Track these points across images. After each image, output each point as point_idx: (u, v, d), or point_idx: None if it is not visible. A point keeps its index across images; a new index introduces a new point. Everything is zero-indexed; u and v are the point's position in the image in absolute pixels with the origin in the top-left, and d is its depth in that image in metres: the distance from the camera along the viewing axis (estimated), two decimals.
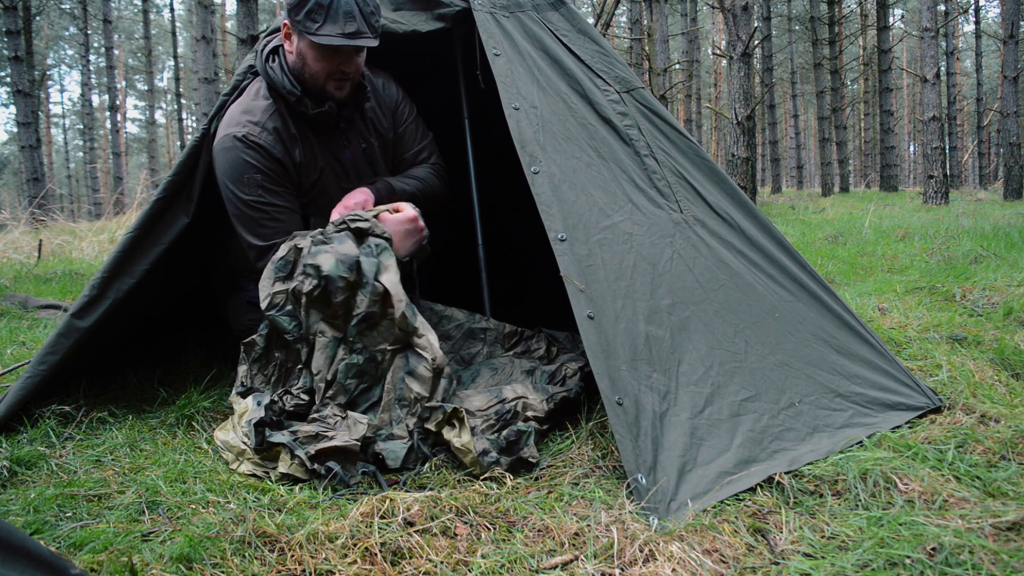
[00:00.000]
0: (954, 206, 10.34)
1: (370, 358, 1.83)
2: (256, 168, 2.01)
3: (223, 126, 2.05)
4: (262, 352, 1.93)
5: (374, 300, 1.81)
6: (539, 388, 1.95)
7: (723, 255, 1.92)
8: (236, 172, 2.01)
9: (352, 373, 1.82)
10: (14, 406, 1.88)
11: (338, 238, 1.85)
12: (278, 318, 1.86)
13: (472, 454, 1.66)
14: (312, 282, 1.80)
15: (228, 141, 2.01)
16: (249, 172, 2.00)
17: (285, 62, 2.06)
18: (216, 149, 2.03)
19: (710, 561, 1.23)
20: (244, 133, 2.01)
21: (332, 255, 1.80)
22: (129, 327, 2.30)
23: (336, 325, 1.84)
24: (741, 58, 7.81)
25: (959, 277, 3.67)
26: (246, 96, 2.10)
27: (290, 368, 1.91)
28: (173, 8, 23.77)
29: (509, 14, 2.17)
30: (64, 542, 1.32)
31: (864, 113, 32.93)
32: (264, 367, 1.94)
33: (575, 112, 2.04)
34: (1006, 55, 12.42)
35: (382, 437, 1.76)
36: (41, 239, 6.49)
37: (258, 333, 1.92)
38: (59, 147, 38.59)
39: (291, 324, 1.85)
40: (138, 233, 2.01)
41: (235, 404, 1.90)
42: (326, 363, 1.83)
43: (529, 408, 1.86)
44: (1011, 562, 1.17)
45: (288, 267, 1.88)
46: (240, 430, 1.74)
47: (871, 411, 1.78)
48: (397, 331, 1.83)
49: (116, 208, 15.12)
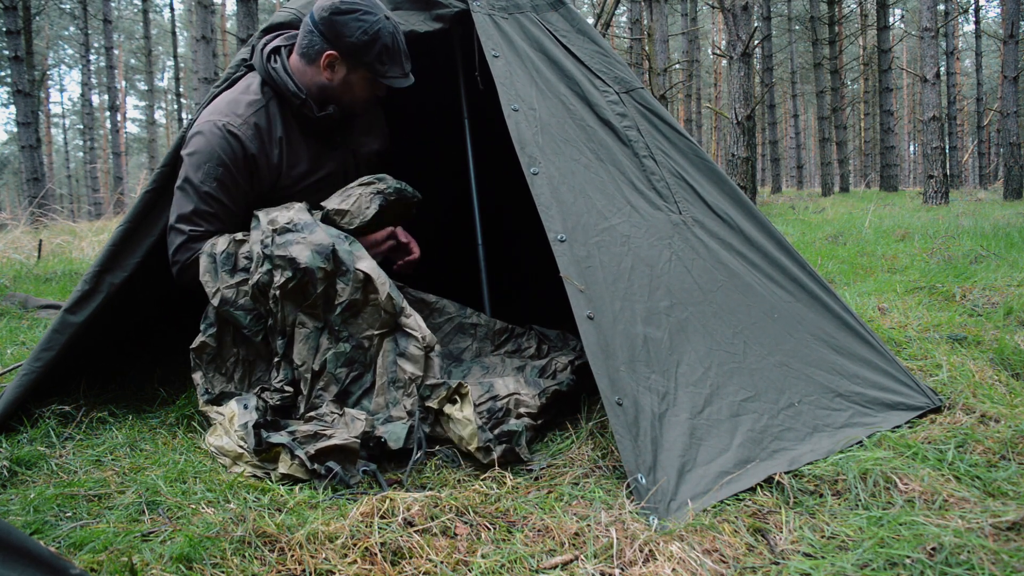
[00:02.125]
0: (954, 206, 10.34)
1: (357, 345, 1.82)
2: (221, 162, 1.99)
3: (206, 112, 2.04)
4: (215, 353, 1.90)
5: (356, 287, 1.79)
6: (531, 382, 1.95)
7: (722, 256, 1.92)
8: (202, 157, 1.98)
9: (341, 362, 1.81)
10: (12, 404, 1.88)
11: (308, 226, 1.82)
12: (234, 313, 1.84)
13: (472, 425, 1.66)
14: (286, 275, 1.77)
15: (206, 126, 2.00)
16: (213, 163, 1.98)
17: (287, 64, 2.09)
18: (192, 131, 2.02)
19: (710, 561, 1.23)
20: (224, 122, 2.00)
21: (306, 246, 1.78)
22: (125, 322, 2.30)
23: (315, 315, 1.81)
24: (741, 58, 7.81)
25: (959, 277, 3.67)
26: (235, 89, 2.10)
27: (252, 362, 1.89)
28: (173, 8, 23.78)
29: (508, 15, 2.17)
30: (64, 542, 1.32)
31: (864, 113, 32.93)
32: (220, 366, 1.91)
33: (574, 114, 2.04)
34: (1006, 55, 12.42)
35: (380, 420, 1.75)
36: (41, 239, 6.49)
37: (203, 334, 1.88)
38: (59, 147, 38.59)
39: (247, 319, 1.85)
40: (129, 226, 2.01)
41: (210, 412, 1.87)
42: (310, 354, 1.82)
43: (522, 405, 1.86)
44: (1011, 562, 1.17)
45: (231, 260, 1.86)
46: (235, 434, 1.73)
47: (871, 411, 1.78)
48: (383, 315, 1.81)
49: (116, 208, 15.13)
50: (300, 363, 1.82)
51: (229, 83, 2.13)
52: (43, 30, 27.57)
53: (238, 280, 1.85)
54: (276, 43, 2.12)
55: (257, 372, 1.91)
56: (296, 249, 1.77)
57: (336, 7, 2.01)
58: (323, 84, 2.09)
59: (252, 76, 2.12)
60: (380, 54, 2.04)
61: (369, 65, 2.05)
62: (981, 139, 24.52)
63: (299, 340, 1.82)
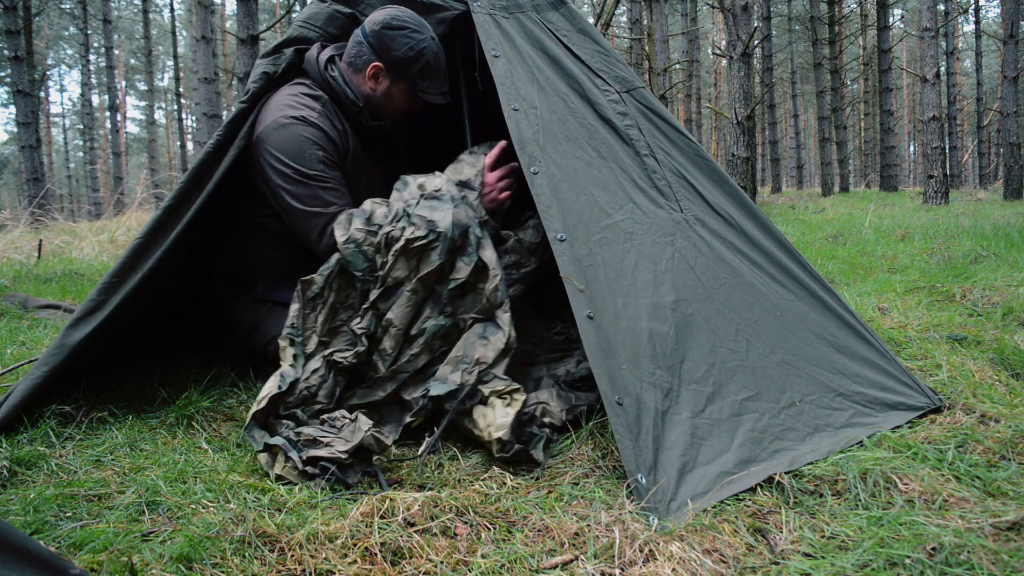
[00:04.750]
0: (954, 206, 10.34)
1: (454, 324, 1.91)
2: (317, 144, 2.08)
3: (271, 113, 2.08)
4: (318, 291, 1.93)
5: (472, 270, 1.88)
6: (562, 396, 1.97)
7: (724, 254, 1.92)
8: (297, 147, 2.05)
9: (439, 334, 1.90)
10: (16, 408, 1.87)
11: (454, 200, 1.93)
12: (355, 252, 1.90)
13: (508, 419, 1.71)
14: (418, 233, 1.85)
15: (284, 120, 2.06)
16: (311, 148, 2.06)
17: (344, 73, 2.19)
18: (268, 131, 2.06)
19: (710, 561, 1.23)
20: (302, 114, 2.08)
21: (449, 215, 1.88)
22: (131, 326, 2.29)
23: (426, 283, 1.88)
24: (741, 58, 7.81)
25: (959, 277, 3.67)
26: (287, 95, 2.14)
27: (337, 309, 1.93)
28: (173, 8, 23.77)
29: (508, 15, 2.17)
30: (64, 542, 1.32)
31: (864, 113, 32.93)
32: (314, 307, 1.95)
33: (575, 112, 2.04)
34: (1006, 55, 12.42)
35: (432, 376, 1.85)
36: (41, 239, 6.49)
37: (319, 273, 1.93)
38: (59, 147, 38.59)
39: (363, 263, 1.91)
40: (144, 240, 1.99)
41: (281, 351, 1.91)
42: (407, 316, 1.88)
43: (547, 415, 1.89)
44: (1011, 562, 1.17)
45: (366, 214, 1.94)
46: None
47: (871, 411, 1.78)
48: (485, 302, 1.90)
49: (116, 208, 15.12)
50: (396, 323, 1.88)
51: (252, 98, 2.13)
52: (43, 30, 27.56)
53: (370, 228, 1.93)
54: (328, 52, 2.21)
55: (339, 318, 1.94)
56: (439, 215, 1.88)
57: (387, 22, 2.14)
58: (367, 94, 2.22)
59: (299, 85, 2.17)
60: (423, 70, 2.17)
61: (411, 80, 2.19)
62: (981, 139, 24.52)
63: (402, 301, 1.88)
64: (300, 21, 2.30)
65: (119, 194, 18.51)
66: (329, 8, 2.29)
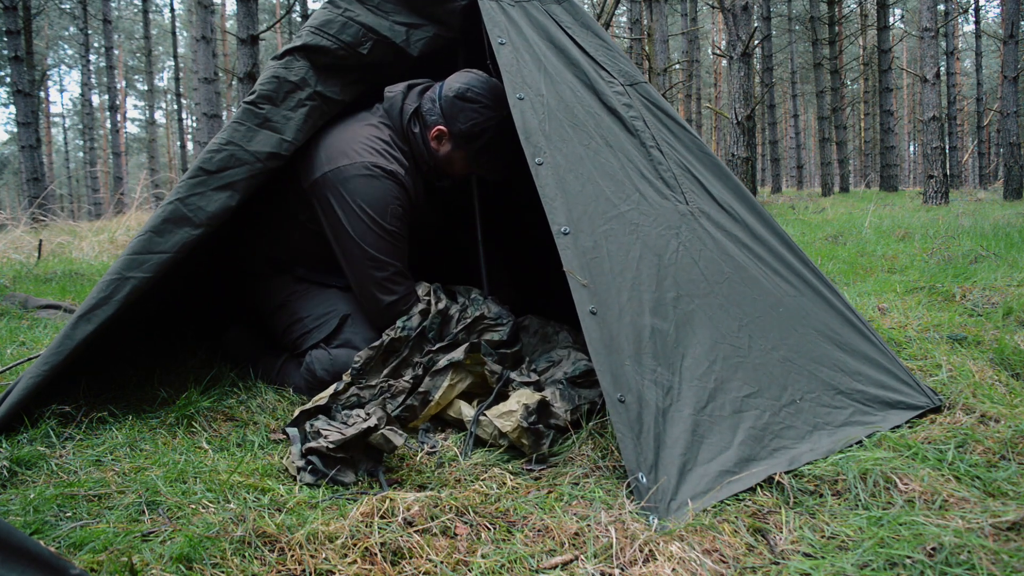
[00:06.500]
0: (954, 206, 10.34)
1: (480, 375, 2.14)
2: (399, 202, 2.18)
3: (351, 151, 2.16)
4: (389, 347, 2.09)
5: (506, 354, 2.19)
6: (565, 396, 1.97)
7: (728, 248, 1.92)
8: (383, 202, 2.15)
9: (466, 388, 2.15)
10: (15, 407, 1.87)
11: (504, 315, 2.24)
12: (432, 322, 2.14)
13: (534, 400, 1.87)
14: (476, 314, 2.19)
15: (375, 170, 2.15)
16: (394, 204, 2.17)
17: (426, 133, 2.27)
18: (351, 173, 2.13)
19: (710, 561, 1.23)
20: (392, 170, 2.18)
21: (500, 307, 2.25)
22: (131, 325, 2.29)
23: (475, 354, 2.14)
24: (741, 58, 7.81)
25: (959, 277, 3.67)
26: (373, 137, 2.21)
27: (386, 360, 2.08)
28: (173, 8, 23.77)
29: (515, 3, 2.16)
30: (64, 542, 1.32)
31: (864, 113, 32.93)
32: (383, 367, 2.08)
33: (581, 100, 2.02)
34: (1006, 55, 12.42)
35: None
36: (41, 239, 6.49)
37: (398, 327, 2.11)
38: (59, 147, 38.61)
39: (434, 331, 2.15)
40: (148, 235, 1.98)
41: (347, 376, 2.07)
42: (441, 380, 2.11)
43: (552, 416, 1.89)
44: (1011, 562, 1.17)
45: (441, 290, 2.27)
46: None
47: (871, 409, 1.78)
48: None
49: (116, 208, 15.13)
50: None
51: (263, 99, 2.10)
52: (43, 30, 27.57)
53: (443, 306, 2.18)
54: (413, 103, 2.28)
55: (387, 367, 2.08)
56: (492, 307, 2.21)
57: (463, 93, 2.22)
58: (431, 151, 2.29)
59: (384, 128, 2.25)
60: (484, 147, 2.26)
61: (472, 152, 2.27)
62: (981, 139, 24.52)
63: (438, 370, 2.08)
64: (312, 27, 2.21)
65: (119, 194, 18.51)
66: (343, 16, 2.23)
